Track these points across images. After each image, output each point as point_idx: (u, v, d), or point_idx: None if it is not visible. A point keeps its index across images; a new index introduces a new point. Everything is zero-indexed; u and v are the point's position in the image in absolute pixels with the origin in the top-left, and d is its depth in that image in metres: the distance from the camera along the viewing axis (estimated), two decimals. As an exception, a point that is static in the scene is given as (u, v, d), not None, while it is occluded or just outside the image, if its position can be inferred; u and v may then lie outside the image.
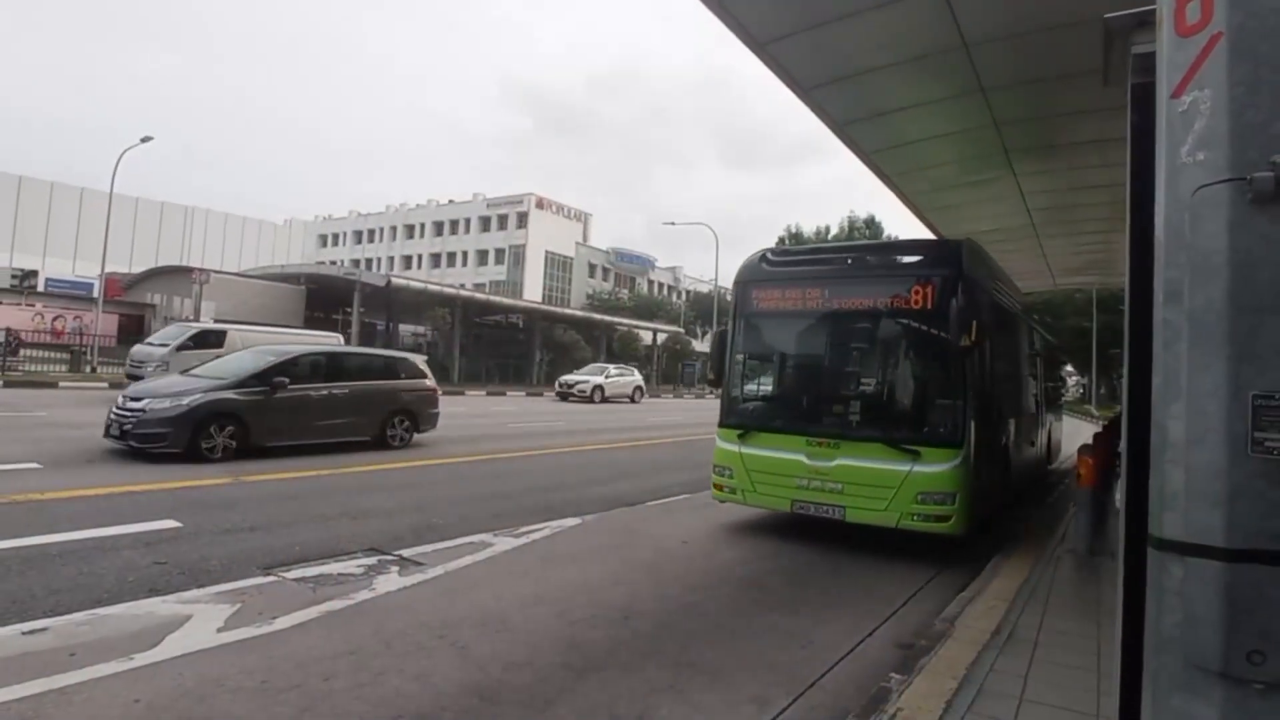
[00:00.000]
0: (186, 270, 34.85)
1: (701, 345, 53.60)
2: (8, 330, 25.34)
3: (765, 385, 7.91)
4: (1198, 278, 1.63)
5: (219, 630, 4.04)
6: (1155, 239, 1.71)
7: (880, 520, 6.25)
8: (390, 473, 9.70)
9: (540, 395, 36.08)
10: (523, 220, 73.90)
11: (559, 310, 51.47)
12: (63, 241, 62.85)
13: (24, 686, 3.25)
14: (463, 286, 51.61)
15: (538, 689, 3.59)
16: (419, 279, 47.93)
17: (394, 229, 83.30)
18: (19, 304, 33.90)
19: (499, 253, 74.95)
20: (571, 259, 75.88)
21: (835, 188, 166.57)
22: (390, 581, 5.11)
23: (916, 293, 6.53)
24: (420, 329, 45.56)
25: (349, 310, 36.16)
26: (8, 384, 19.25)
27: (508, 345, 45.55)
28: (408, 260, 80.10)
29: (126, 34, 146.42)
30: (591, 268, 77.07)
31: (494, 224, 75.92)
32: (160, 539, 5.74)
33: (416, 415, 12.46)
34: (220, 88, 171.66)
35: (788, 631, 4.60)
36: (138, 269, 45.43)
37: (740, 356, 7.62)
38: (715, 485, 7.37)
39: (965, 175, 10.71)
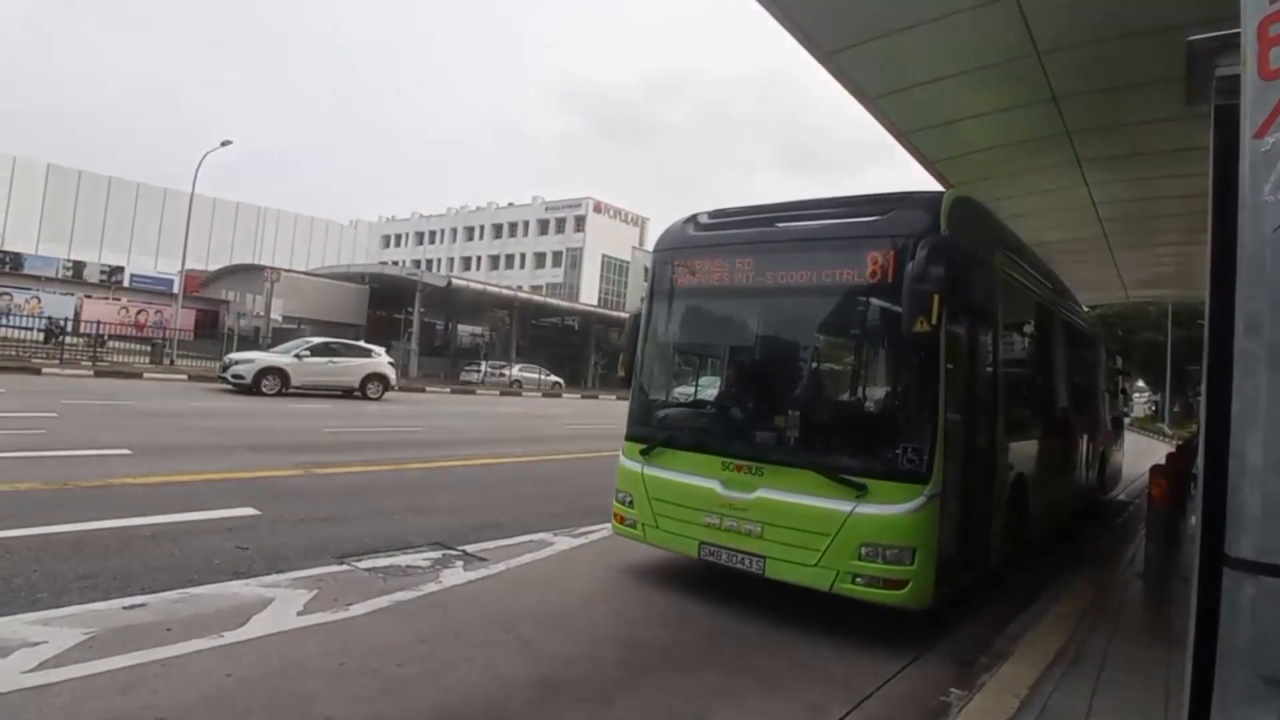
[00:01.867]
0: (259, 269, 36.43)
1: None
2: (50, 319, 27.10)
3: (678, 387, 6.20)
4: (1278, 311, 1.66)
5: (299, 614, 4.28)
6: (1237, 272, 1.76)
7: (809, 580, 4.57)
8: (451, 470, 10.02)
9: (595, 397, 36.51)
10: (580, 224, 74.78)
11: (614, 314, 51.87)
12: (147, 239, 66.18)
13: (128, 657, 3.52)
14: (520, 288, 52.50)
15: (598, 685, 3.71)
16: (478, 280, 48.99)
17: (454, 231, 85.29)
18: (106, 298, 35.95)
19: (556, 255, 75.97)
20: (628, 263, 76.34)
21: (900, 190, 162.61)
22: (455, 575, 5.31)
23: (874, 263, 4.69)
24: (478, 329, 46.58)
25: (410, 310, 37.22)
26: (97, 374, 20.50)
27: (564, 347, 46.18)
28: (467, 262, 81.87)
29: (205, 42, 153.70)
30: (648, 271, 77.35)
31: (552, 227, 77.01)
32: (241, 525, 6.08)
33: None
34: (290, 94, 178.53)
35: (845, 641, 4.61)
36: (214, 266, 47.62)
37: (652, 349, 5.90)
38: (615, 515, 5.70)
39: (1034, 185, 10.48)
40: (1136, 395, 53.61)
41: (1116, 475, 13.09)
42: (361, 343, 24.10)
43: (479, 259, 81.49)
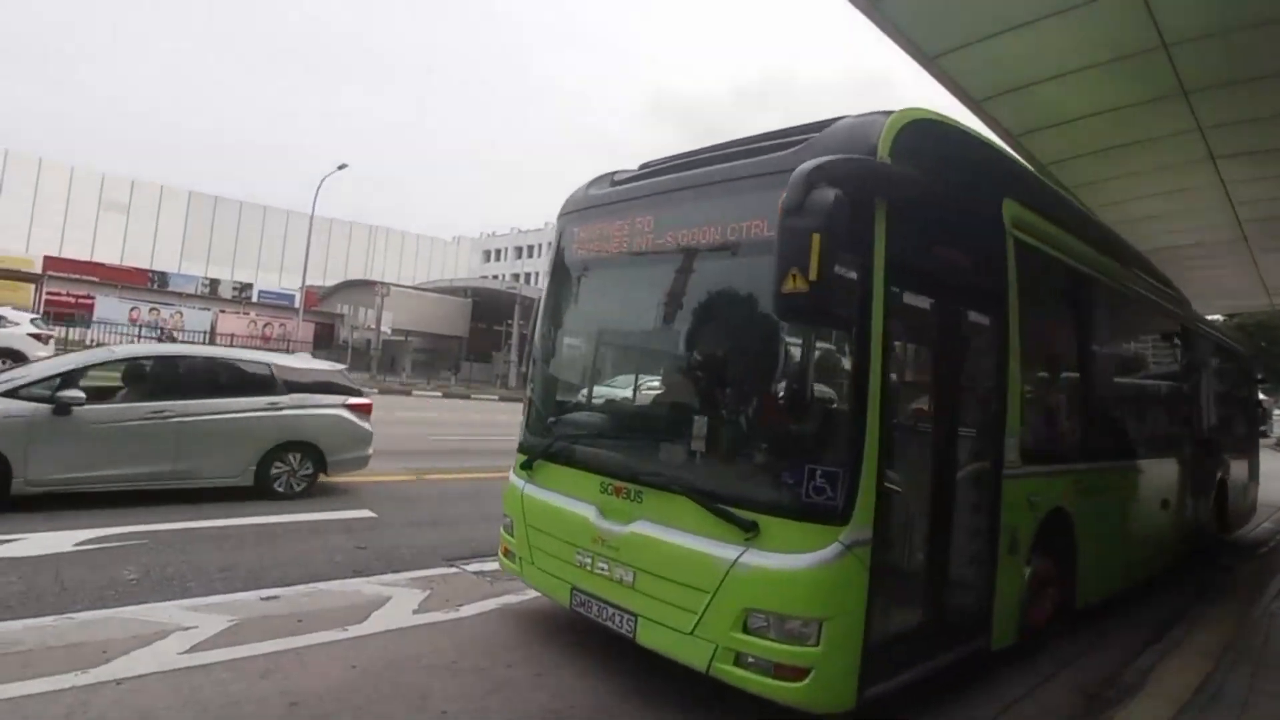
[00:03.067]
0: (370, 284, 38.56)
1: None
2: (160, 330, 29.57)
3: (565, 386, 4.95)
4: None
5: (414, 612, 4.53)
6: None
7: (682, 653, 3.38)
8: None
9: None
10: (672, 235, 75.10)
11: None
12: (272, 257, 71.29)
13: (266, 644, 3.84)
14: (614, 300, 53.28)
15: (690, 699, 3.72)
16: (573, 293, 49.96)
17: (551, 245, 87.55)
18: (238, 312, 39.00)
19: (649, 267, 76.56)
20: (719, 273, 76.03)
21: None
22: (558, 580, 5.45)
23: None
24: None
25: (510, 322, 38.46)
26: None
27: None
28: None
29: (323, 72, 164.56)
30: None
31: (644, 239, 77.72)
32: (359, 526, 6.48)
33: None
34: (396, 115, 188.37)
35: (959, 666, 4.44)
36: (330, 282, 50.74)
37: (546, 338, 4.78)
38: (502, 547, 4.65)
39: (1161, 185, 9.79)
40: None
41: (1248, 508, 10.51)
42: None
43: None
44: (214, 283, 43.46)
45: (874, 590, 3.12)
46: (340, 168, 31.95)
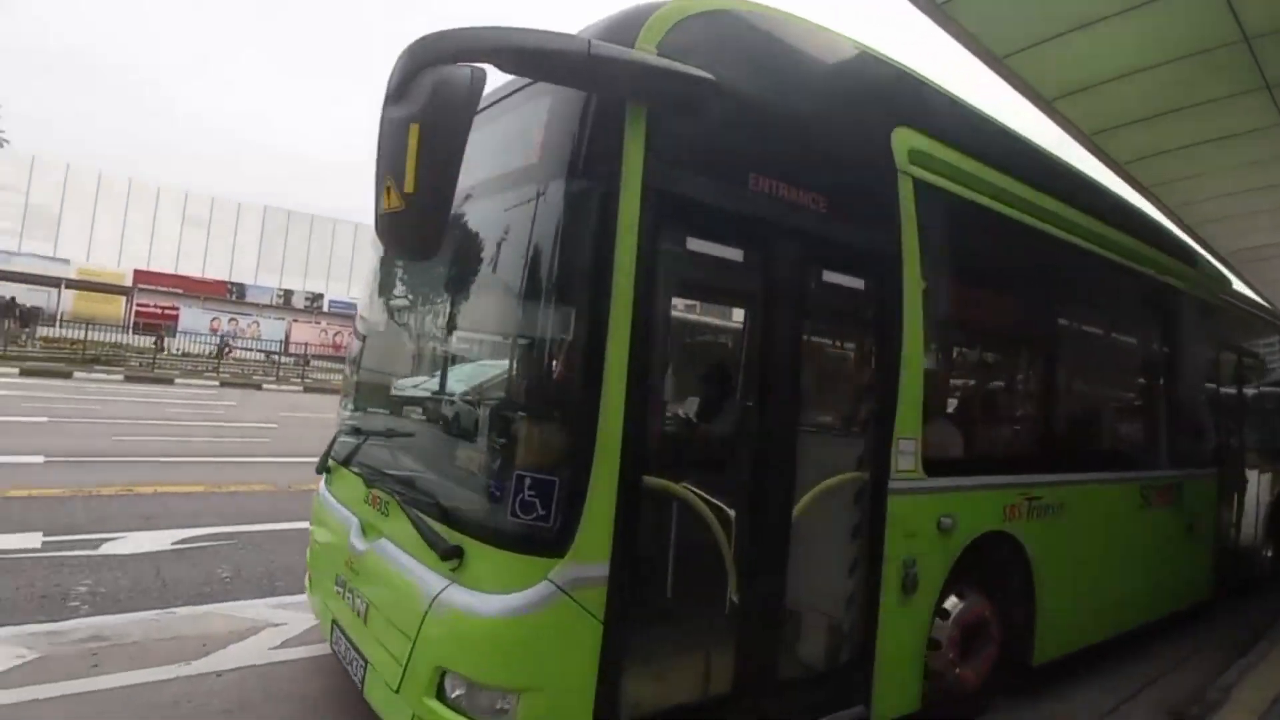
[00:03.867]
0: (434, 292, 39.61)
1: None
2: (221, 337, 31.18)
3: (363, 369, 3.91)
4: None
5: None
6: None
7: (389, 712, 2.58)
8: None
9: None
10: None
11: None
12: (341, 267, 74.08)
13: (305, 650, 3.96)
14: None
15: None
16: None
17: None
18: (310, 321, 40.66)
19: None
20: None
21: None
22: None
23: (514, 138, 2.60)
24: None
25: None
26: (306, 389, 23.27)
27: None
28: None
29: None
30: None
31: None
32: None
33: None
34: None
35: (1039, 687, 4.35)
36: (396, 291, 52.21)
37: (362, 311, 4.09)
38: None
39: (1246, 182, 9.35)
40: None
41: None
42: None
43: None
44: (288, 293, 45.38)
45: (616, 649, 2.27)
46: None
